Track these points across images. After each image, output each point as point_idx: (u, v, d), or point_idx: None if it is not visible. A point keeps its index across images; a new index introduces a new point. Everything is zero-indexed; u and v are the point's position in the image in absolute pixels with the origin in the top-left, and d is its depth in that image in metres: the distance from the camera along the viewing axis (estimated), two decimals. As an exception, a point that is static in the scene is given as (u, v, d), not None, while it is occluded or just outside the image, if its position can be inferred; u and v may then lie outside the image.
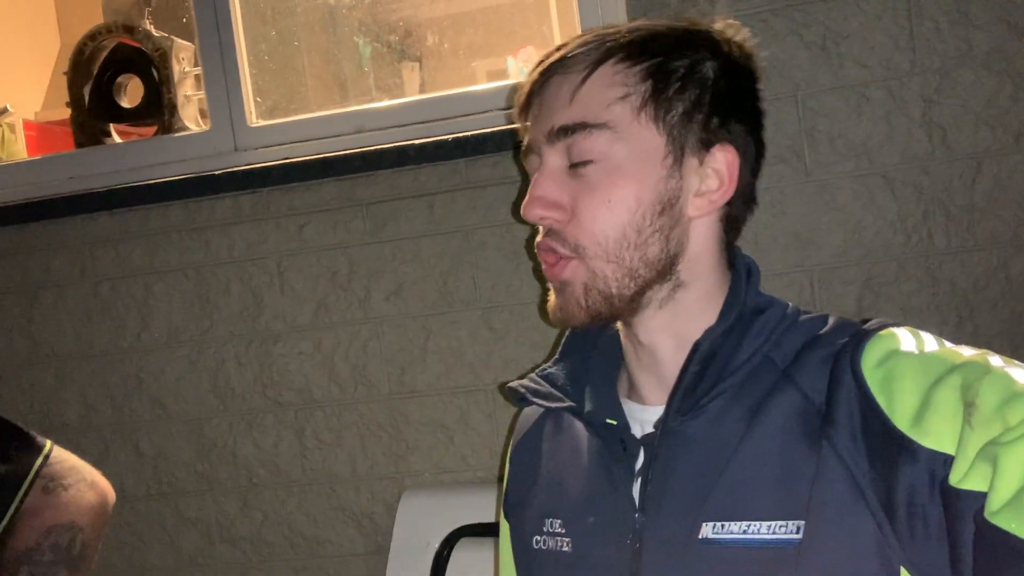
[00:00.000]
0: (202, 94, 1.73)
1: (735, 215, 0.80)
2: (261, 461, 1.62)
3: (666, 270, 0.77)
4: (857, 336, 0.71)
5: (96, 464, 1.65)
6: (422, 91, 2.11)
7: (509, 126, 1.50)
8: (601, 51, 0.77)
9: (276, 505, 1.62)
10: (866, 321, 0.75)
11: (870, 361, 0.68)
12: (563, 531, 0.81)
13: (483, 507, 1.48)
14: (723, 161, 0.77)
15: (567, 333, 0.89)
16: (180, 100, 1.76)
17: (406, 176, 1.55)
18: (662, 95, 0.75)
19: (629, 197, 0.74)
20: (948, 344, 0.71)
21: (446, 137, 1.51)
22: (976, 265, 1.40)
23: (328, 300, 1.59)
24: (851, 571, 0.66)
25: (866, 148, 1.42)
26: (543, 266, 0.79)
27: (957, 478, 0.61)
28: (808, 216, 1.44)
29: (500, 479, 1.48)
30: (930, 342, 0.70)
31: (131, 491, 1.66)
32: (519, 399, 0.85)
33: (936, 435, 0.63)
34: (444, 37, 2.20)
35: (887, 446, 0.65)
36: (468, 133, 1.50)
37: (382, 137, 1.59)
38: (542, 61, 0.79)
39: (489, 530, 1.46)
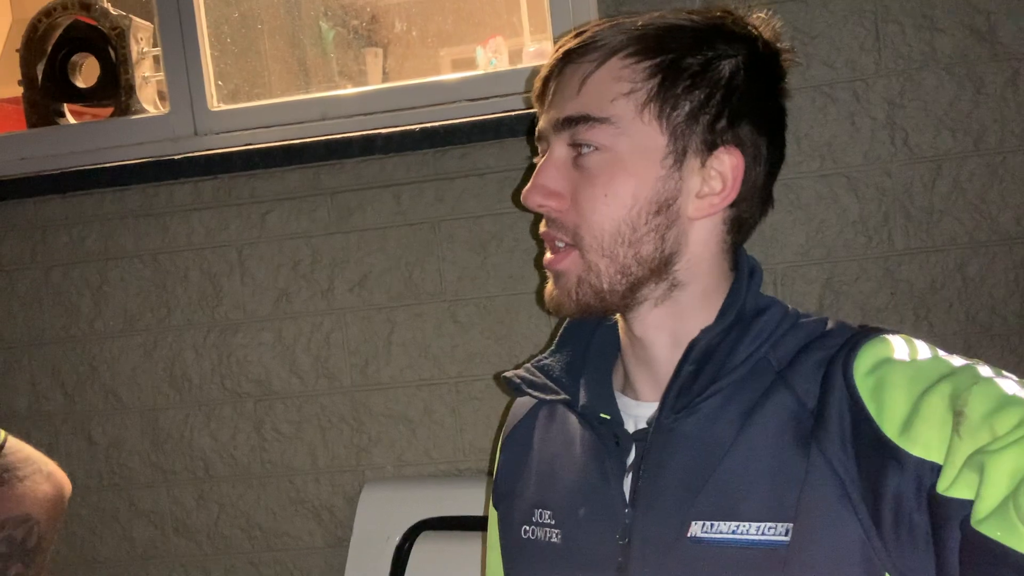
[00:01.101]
0: (161, 76, 1.69)
1: (743, 217, 0.79)
2: (218, 453, 1.59)
3: (661, 269, 0.77)
4: (851, 342, 0.71)
5: (46, 454, 1.61)
6: (385, 79, 2.09)
7: (477, 117, 1.49)
8: (614, 43, 0.76)
9: (233, 497, 1.59)
10: (863, 327, 0.75)
11: (862, 368, 0.69)
12: (553, 522, 0.81)
13: (445, 501, 1.48)
14: (727, 164, 0.76)
15: (565, 324, 0.88)
16: (138, 81, 1.71)
17: (372, 165, 1.53)
18: (668, 93, 0.75)
19: (626, 193, 0.74)
20: (941, 353, 0.71)
21: (413, 127, 1.49)
22: (933, 266, 1.42)
23: (290, 290, 1.56)
24: (836, 575, 0.66)
25: (830, 148, 1.43)
26: (545, 255, 0.80)
27: (944, 486, 0.61)
28: (772, 214, 1.44)
29: (489, 473, 1.48)
30: (923, 350, 0.71)
31: (83, 482, 1.62)
32: (514, 389, 0.85)
33: (924, 443, 0.63)
34: (412, 24, 2.17)
35: (876, 453, 0.65)
36: (436, 124, 1.48)
37: (346, 125, 1.56)
38: (559, 50, 0.79)
39: (450, 524, 1.46)
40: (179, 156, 1.57)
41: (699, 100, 0.75)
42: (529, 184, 0.78)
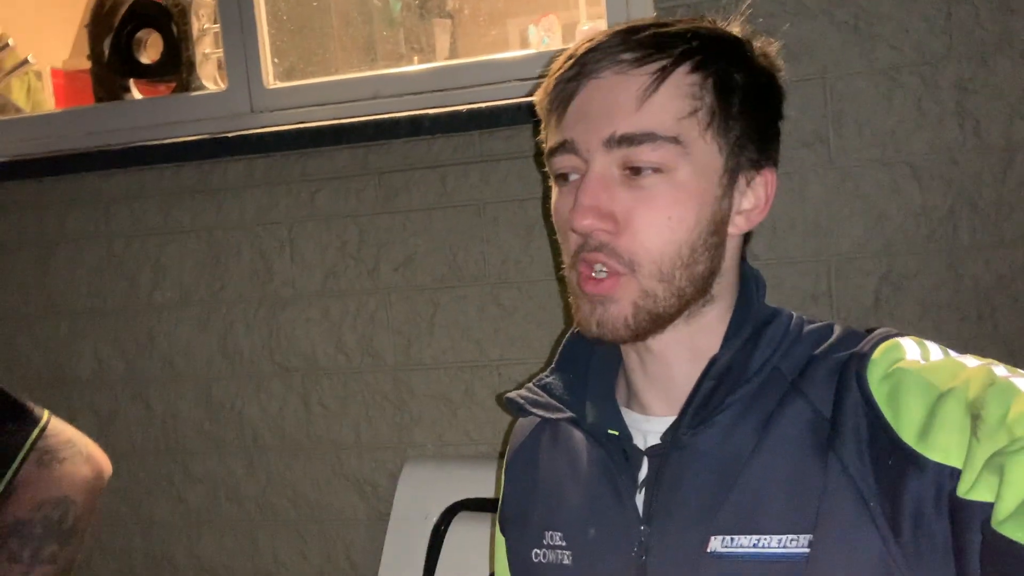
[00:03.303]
0: (220, 52, 1.71)
1: (753, 228, 0.80)
2: (267, 424, 1.64)
3: (706, 287, 0.75)
4: (863, 348, 0.70)
5: (108, 419, 1.69)
6: (453, 53, 2.07)
7: (526, 98, 1.46)
8: (673, 55, 0.72)
9: (281, 468, 1.64)
10: (872, 331, 0.73)
11: (876, 373, 0.68)
12: (563, 544, 0.80)
13: (483, 481, 1.48)
14: (763, 181, 0.77)
15: (565, 341, 0.86)
16: (199, 58, 1.74)
17: (420, 146, 1.52)
18: (727, 112, 0.73)
19: (690, 216, 0.72)
20: (953, 354, 0.70)
21: (460, 108, 1.48)
22: (1000, 261, 1.35)
23: (337, 268, 1.58)
24: None
25: (894, 136, 1.36)
26: (579, 277, 0.74)
27: (964, 489, 0.60)
28: (829, 204, 1.39)
29: (499, 476, 1.48)
30: (935, 352, 0.70)
31: (141, 446, 1.69)
32: (517, 409, 0.83)
33: (943, 449, 0.62)
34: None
35: (894, 460, 0.65)
36: (482, 104, 1.47)
37: (398, 104, 1.56)
38: (588, 55, 0.74)
39: (488, 505, 1.47)
40: (233, 134, 1.59)
41: (749, 120, 0.75)
42: (576, 205, 0.72)
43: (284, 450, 1.63)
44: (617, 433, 0.78)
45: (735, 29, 0.78)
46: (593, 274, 0.73)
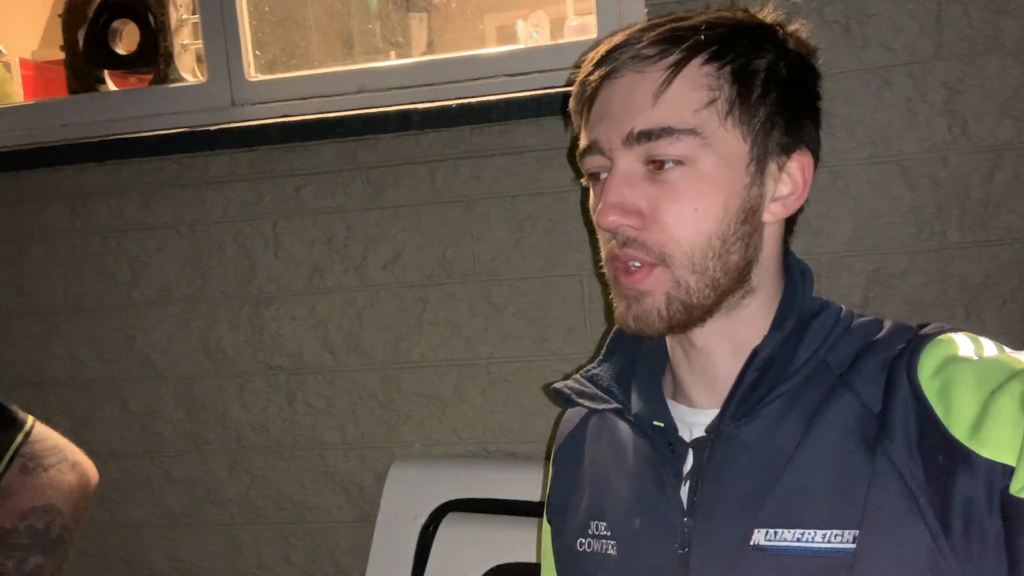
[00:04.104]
0: (200, 44, 1.67)
1: (795, 215, 0.79)
2: (251, 424, 1.60)
3: (743, 277, 0.75)
4: (914, 342, 0.70)
5: (84, 420, 1.64)
6: (429, 49, 2.05)
7: (516, 93, 1.45)
8: (685, 49, 0.72)
9: (265, 469, 1.61)
10: (923, 326, 0.73)
11: (927, 369, 0.67)
12: (608, 534, 0.80)
13: (472, 482, 1.47)
14: (799, 166, 0.76)
15: (612, 333, 0.86)
16: (177, 49, 1.70)
17: (408, 141, 1.50)
18: (747, 99, 0.73)
19: (716, 206, 0.72)
20: (1008, 350, 0.69)
21: (450, 103, 1.46)
22: (988, 260, 1.36)
23: (324, 265, 1.55)
24: None
25: (884, 135, 1.37)
26: (614, 272, 0.75)
27: (1018, 487, 0.60)
28: (819, 202, 1.40)
29: (544, 462, 1.46)
30: (989, 347, 0.69)
31: (118, 448, 1.65)
32: (564, 400, 0.84)
33: (995, 445, 0.62)
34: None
35: (944, 456, 0.64)
36: (473, 99, 1.45)
37: (384, 98, 1.54)
38: (607, 56, 0.75)
39: (477, 506, 1.45)
40: (215, 127, 1.56)
41: (773, 104, 0.74)
42: (601, 204, 0.73)
43: (268, 450, 1.60)
44: (662, 425, 0.78)
45: (768, 15, 0.78)
46: (629, 266, 0.73)
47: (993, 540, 0.62)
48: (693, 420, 0.78)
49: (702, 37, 0.73)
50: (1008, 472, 0.60)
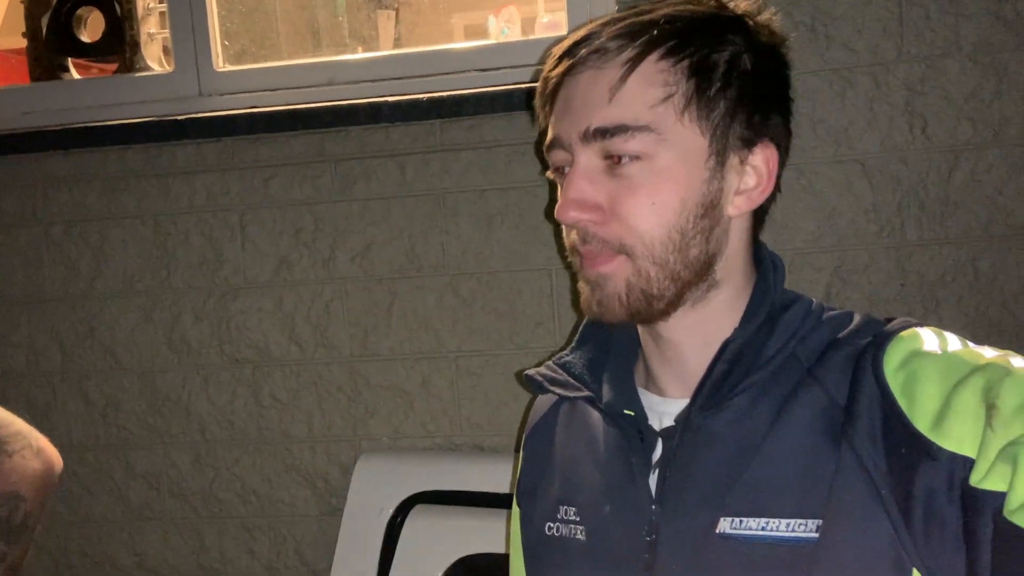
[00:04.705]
0: (167, 33, 1.65)
1: (764, 208, 0.78)
2: (215, 417, 1.59)
3: (704, 271, 0.75)
4: (880, 337, 0.70)
5: (44, 412, 1.62)
6: (397, 45, 2.05)
7: (486, 88, 1.45)
8: (640, 45, 0.72)
9: (229, 462, 1.59)
10: (890, 320, 0.74)
11: (892, 363, 0.68)
12: (577, 519, 0.80)
13: (440, 475, 1.47)
14: (763, 159, 0.75)
15: (585, 321, 0.86)
16: (143, 38, 1.68)
17: (378, 134, 1.50)
18: (705, 94, 0.72)
19: (673, 200, 0.72)
20: (971, 345, 0.70)
21: (420, 96, 1.46)
22: (945, 258, 1.40)
23: (291, 257, 1.55)
24: (865, 573, 0.66)
25: (846, 134, 1.40)
26: (580, 261, 0.76)
27: (977, 479, 0.61)
28: (782, 200, 1.40)
29: (513, 454, 1.47)
30: (953, 342, 0.70)
31: (79, 441, 1.62)
32: (536, 387, 0.84)
33: (957, 438, 0.63)
34: (425, -13, 2.13)
35: (907, 448, 0.65)
36: (444, 93, 1.45)
37: (353, 91, 1.53)
38: (569, 51, 0.75)
39: (445, 498, 1.45)
40: (183, 116, 1.54)
41: (733, 98, 0.73)
42: (561, 199, 0.74)
43: (233, 443, 1.59)
44: (632, 413, 0.78)
45: (739, 6, 0.77)
46: (586, 261, 0.74)
47: (953, 531, 0.63)
48: (663, 409, 0.78)
49: (657, 32, 0.73)
50: (969, 464, 0.62)
